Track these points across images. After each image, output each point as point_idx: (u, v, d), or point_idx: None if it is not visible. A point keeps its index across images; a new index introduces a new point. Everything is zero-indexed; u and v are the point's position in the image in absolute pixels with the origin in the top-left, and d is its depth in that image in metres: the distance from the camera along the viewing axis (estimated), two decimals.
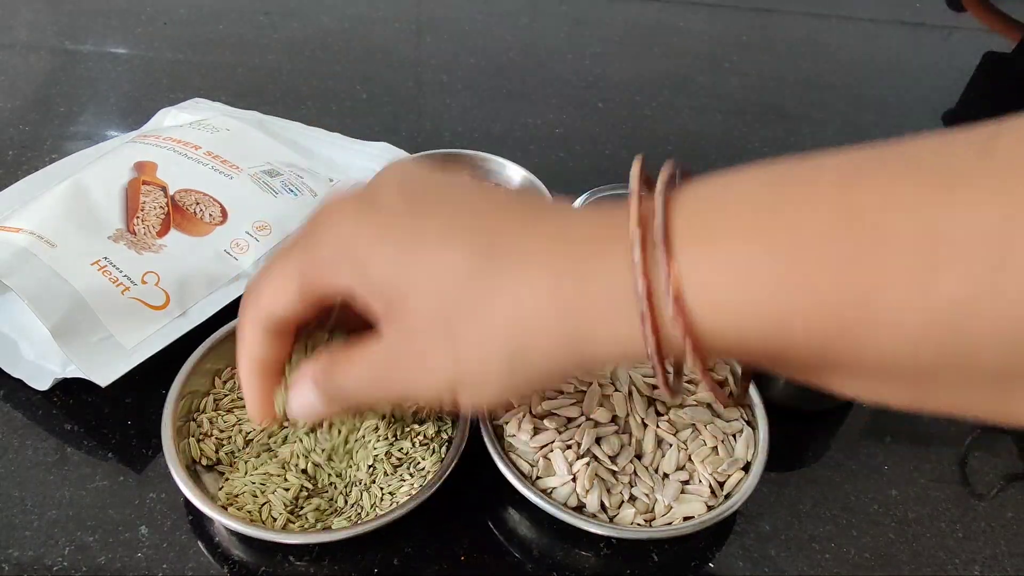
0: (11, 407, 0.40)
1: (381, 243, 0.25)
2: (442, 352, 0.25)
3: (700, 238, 0.21)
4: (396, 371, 0.26)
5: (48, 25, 0.71)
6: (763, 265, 0.20)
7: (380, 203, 0.26)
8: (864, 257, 0.19)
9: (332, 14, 0.76)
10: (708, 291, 0.21)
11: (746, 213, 0.21)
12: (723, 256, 0.21)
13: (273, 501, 0.36)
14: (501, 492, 0.38)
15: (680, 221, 0.22)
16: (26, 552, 0.35)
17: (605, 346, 0.23)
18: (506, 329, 0.24)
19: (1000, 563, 0.38)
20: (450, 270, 0.24)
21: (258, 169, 0.50)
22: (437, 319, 0.25)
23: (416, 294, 0.25)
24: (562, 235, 0.24)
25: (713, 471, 0.37)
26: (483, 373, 0.25)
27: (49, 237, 0.41)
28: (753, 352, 0.22)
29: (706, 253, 0.21)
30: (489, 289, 0.24)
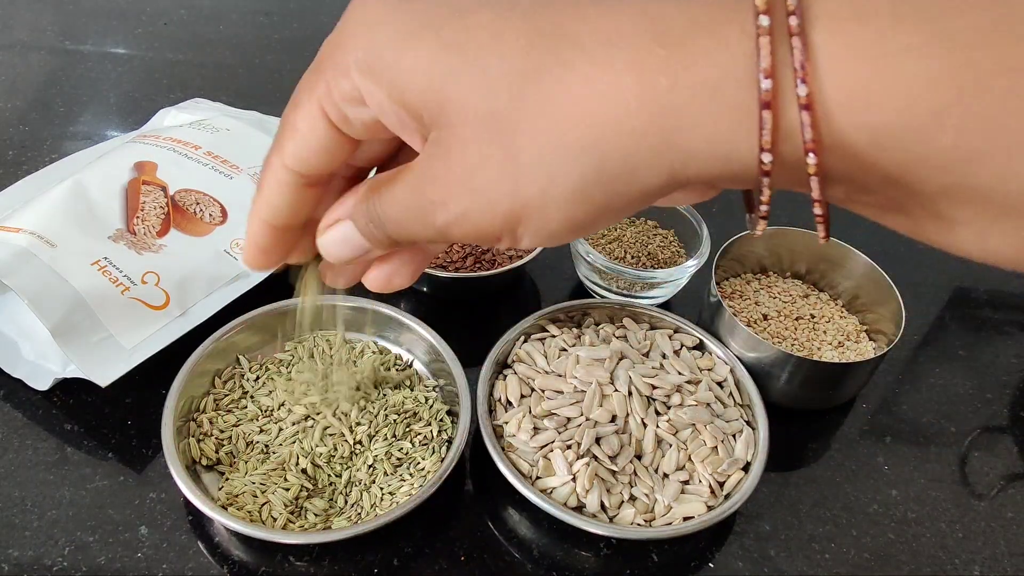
0: (11, 407, 0.40)
1: (419, 40, 0.20)
2: (498, 165, 0.20)
3: (843, 13, 0.18)
4: (445, 193, 0.21)
5: (48, 25, 0.71)
6: (918, 54, 0.17)
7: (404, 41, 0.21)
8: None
9: (332, 14, 0.76)
10: (847, 78, 0.17)
11: (905, 32, 0.17)
12: (869, 37, 0.17)
13: (273, 501, 0.36)
14: (501, 492, 0.38)
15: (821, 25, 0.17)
16: (26, 552, 0.35)
17: (704, 149, 0.19)
18: (581, 132, 0.19)
19: (1000, 563, 0.38)
20: (507, 59, 0.19)
21: (258, 169, 0.50)
22: (492, 124, 0.20)
23: (465, 96, 0.20)
24: (654, 11, 0.19)
25: (713, 471, 0.37)
26: (549, 193, 0.20)
27: (49, 237, 0.41)
28: (882, 163, 0.18)
29: (849, 32, 0.17)
30: (558, 82, 0.19)
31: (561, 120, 0.19)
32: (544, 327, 0.43)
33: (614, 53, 0.18)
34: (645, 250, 0.49)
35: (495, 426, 0.39)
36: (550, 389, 0.39)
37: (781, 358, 0.41)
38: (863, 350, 0.44)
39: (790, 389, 0.42)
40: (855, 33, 0.17)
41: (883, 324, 0.45)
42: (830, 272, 0.48)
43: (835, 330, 0.45)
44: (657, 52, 0.18)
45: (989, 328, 0.51)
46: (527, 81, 0.19)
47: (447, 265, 0.46)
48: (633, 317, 0.44)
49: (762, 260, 0.49)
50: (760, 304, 0.46)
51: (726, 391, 0.41)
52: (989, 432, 0.44)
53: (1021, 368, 0.48)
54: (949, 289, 0.53)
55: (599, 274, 0.47)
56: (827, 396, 0.43)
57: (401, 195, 0.22)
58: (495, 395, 0.40)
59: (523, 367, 0.41)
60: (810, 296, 0.48)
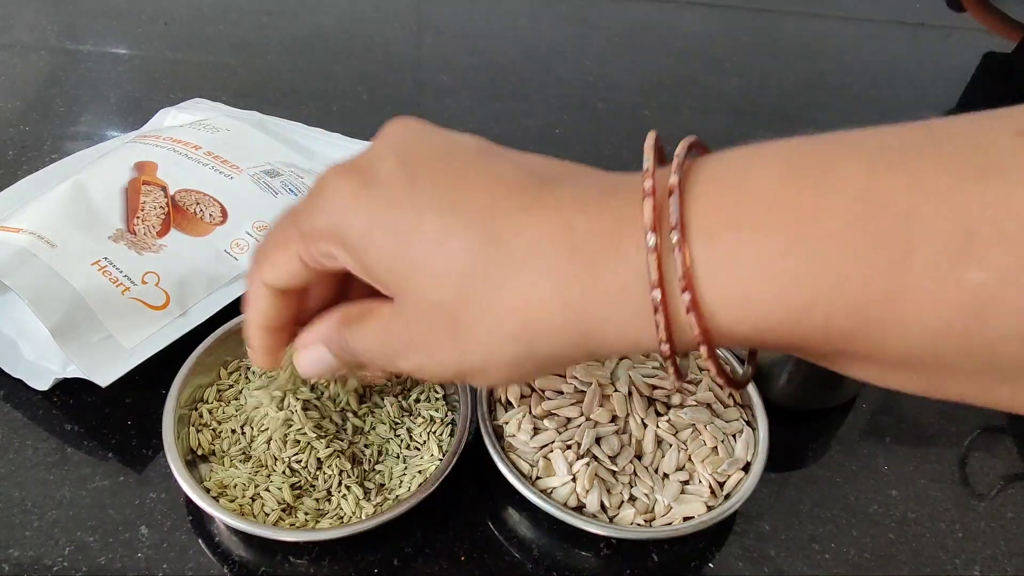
0: (11, 407, 0.40)
1: (379, 228, 0.24)
2: (447, 344, 0.24)
3: (717, 227, 0.20)
4: (404, 349, 0.26)
5: (48, 25, 0.71)
6: (784, 258, 0.19)
7: (378, 177, 0.25)
8: (890, 249, 0.18)
9: (332, 14, 0.76)
10: (724, 283, 0.20)
11: (766, 200, 0.20)
12: (741, 247, 0.20)
13: (266, 498, 0.36)
14: (501, 492, 0.38)
15: (696, 208, 0.21)
16: (26, 552, 0.35)
17: (614, 341, 0.23)
18: (512, 327, 0.23)
19: (1000, 563, 0.38)
20: (452, 261, 0.23)
21: (258, 169, 0.50)
22: (440, 313, 0.24)
23: (417, 284, 0.24)
24: (569, 224, 0.22)
25: (713, 471, 0.37)
26: (489, 364, 0.24)
27: (49, 237, 0.41)
28: (767, 342, 0.21)
29: (723, 244, 0.20)
30: (493, 285, 0.23)
31: (497, 315, 0.23)
32: None
33: (539, 264, 0.22)
34: None
35: (495, 426, 0.39)
36: (550, 389, 0.39)
37: (781, 358, 0.41)
38: None
39: (790, 389, 0.42)
40: (729, 243, 0.20)
41: None
42: None
43: None
44: (572, 267, 0.22)
45: None
46: (469, 282, 0.23)
47: None
48: None
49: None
50: None
51: (726, 391, 0.41)
52: (989, 432, 0.44)
53: None
54: None
55: None
56: (827, 396, 0.43)
57: (370, 336, 0.27)
58: (495, 395, 0.40)
59: None
60: None
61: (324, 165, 0.53)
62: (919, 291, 0.18)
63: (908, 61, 0.81)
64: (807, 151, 0.21)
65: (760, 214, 0.20)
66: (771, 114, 0.70)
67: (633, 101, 0.70)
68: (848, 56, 0.81)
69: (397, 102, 0.65)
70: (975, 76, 0.78)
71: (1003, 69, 0.81)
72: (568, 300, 0.22)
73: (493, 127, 0.64)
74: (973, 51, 0.82)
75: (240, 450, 0.38)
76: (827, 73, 0.77)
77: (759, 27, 0.84)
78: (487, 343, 0.24)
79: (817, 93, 0.74)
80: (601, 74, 0.73)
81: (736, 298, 0.20)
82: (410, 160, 0.25)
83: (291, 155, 0.53)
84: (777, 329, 0.21)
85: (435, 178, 0.24)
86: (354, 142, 0.58)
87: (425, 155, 0.25)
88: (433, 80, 0.69)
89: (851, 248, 0.19)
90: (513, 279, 0.23)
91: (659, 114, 0.68)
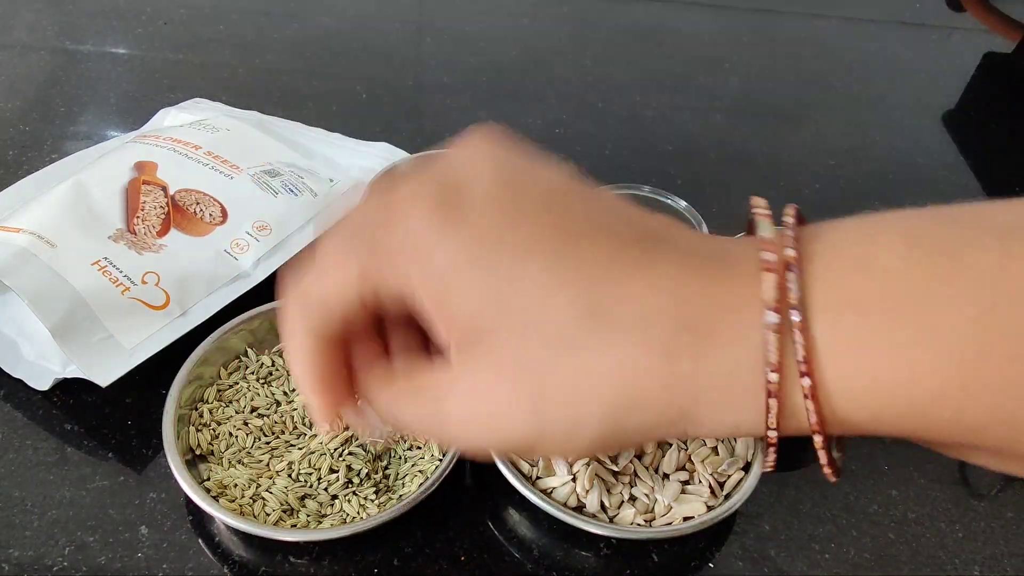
0: (11, 407, 0.40)
1: (470, 267, 0.21)
2: (526, 406, 0.21)
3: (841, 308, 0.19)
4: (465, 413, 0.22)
5: (48, 25, 0.71)
6: (913, 346, 0.18)
7: (468, 206, 0.21)
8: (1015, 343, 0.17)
9: (332, 14, 0.76)
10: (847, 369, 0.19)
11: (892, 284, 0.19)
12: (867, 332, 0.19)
13: (267, 498, 0.36)
14: (501, 492, 0.38)
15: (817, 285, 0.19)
16: (26, 552, 0.35)
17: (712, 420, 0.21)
18: (608, 396, 0.21)
19: (1000, 563, 0.38)
20: (553, 319, 0.21)
21: (258, 169, 0.50)
22: (527, 370, 0.21)
23: (504, 347, 0.21)
24: (682, 293, 0.20)
25: (713, 471, 0.37)
26: (570, 435, 0.22)
27: (49, 237, 0.41)
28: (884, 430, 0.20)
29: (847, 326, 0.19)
30: (595, 351, 0.20)
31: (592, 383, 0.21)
32: None
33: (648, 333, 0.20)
34: None
35: None
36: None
37: None
38: None
39: None
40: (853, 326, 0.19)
41: None
42: None
43: None
44: (682, 339, 0.20)
45: None
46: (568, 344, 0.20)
47: None
48: None
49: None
50: None
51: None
52: None
53: None
54: None
55: None
56: None
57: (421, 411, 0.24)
58: None
59: None
60: None
61: (324, 165, 0.54)
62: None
63: (908, 61, 0.81)
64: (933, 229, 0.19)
65: (886, 298, 0.19)
66: (771, 114, 0.70)
67: (633, 101, 0.70)
68: (848, 56, 0.81)
69: (397, 102, 0.65)
70: (975, 76, 0.78)
71: (1003, 69, 0.81)
72: (675, 373, 0.20)
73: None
74: (973, 51, 0.82)
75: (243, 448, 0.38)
76: (827, 73, 0.77)
77: (759, 27, 0.84)
78: (574, 409, 0.21)
79: (817, 93, 0.74)
80: (601, 74, 0.73)
81: (859, 385, 0.19)
82: (509, 192, 0.22)
83: (291, 155, 0.53)
84: (899, 419, 0.20)
85: (539, 220, 0.21)
86: (354, 142, 0.58)
87: (524, 190, 0.22)
88: (433, 80, 0.69)
89: (984, 338, 0.18)
90: (619, 346, 0.20)
91: (659, 114, 0.68)
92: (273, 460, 0.37)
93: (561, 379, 0.21)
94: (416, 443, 0.39)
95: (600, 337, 0.20)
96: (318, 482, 0.37)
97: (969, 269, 0.18)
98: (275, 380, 0.41)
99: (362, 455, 0.37)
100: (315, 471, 0.37)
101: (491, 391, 0.22)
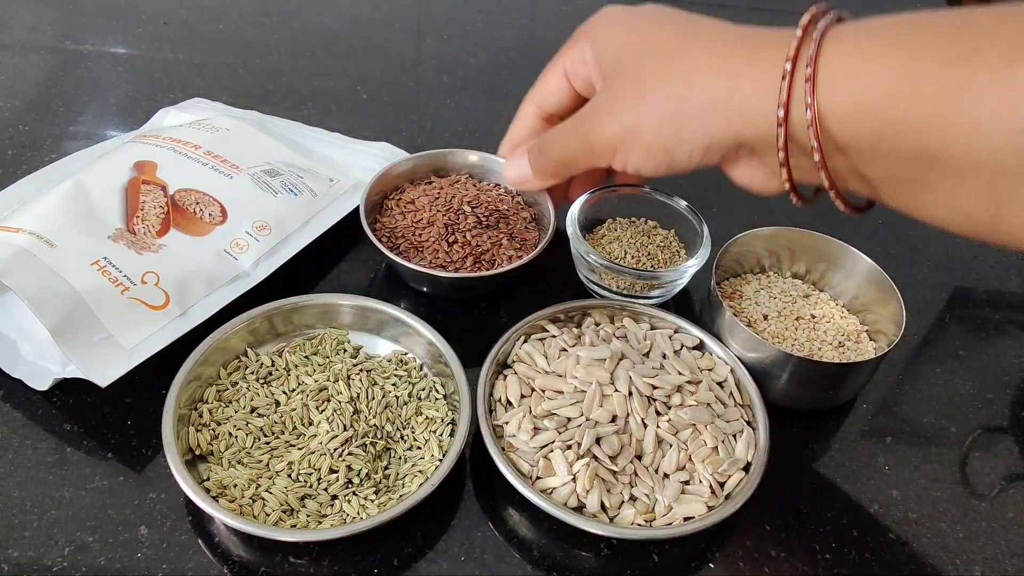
0: (11, 407, 0.40)
1: (618, 31, 0.38)
2: (630, 101, 0.35)
3: (839, 52, 0.29)
4: (591, 116, 0.38)
5: (48, 25, 0.71)
6: (879, 52, 0.27)
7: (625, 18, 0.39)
8: (960, 53, 0.25)
9: (332, 14, 0.76)
10: (836, 78, 0.28)
11: (875, 25, 0.29)
12: (852, 59, 0.28)
13: (267, 498, 0.36)
14: (501, 492, 0.38)
15: (830, 40, 0.29)
16: (26, 552, 0.35)
17: (750, 122, 0.32)
18: (683, 93, 0.33)
19: (1000, 563, 0.38)
20: (657, 39, 0.35)
21: (258, 169, 0.50)
22: (637, 77, 0.35)
23: (629, 59, 0.36)
24: (742, 39, 0.34)
25: (713, 471, 0.37)
26: (652, 126, 0.35)
27: (49, 237, 0.41)
28: (860, 132, 0.28)
29: (841, 56, 0.29)
30: (680, 66, 0.34)
31: (675, 83, 0.34)
32: (544, 327, 0.43)
33: (714, 57, 0.33)
34: (645, 250, 0.49)
35: (495, 426, 0.39)
36: (550, 389, 0.39)
37: (781, 358, 0.41)
38: (863, 350, 0.44)
39: (790, 389, 0.42)
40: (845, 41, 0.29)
41: (883, 324, 0.45)
42: (830, 272, 0.48)
43: (835, 330, 0.45)
44: (737, 63, 0.33)
45: (989, 328, 0.51)
46: (664, 62, 0.35)
47: (447, 265, 0.46)
48: (633, 317, 0.44)
49: (762, 260, 0.49)
50: (760, 304, 0.46)
51: (726, 391, 0.41)
52: (990, 432, 0.44)
53: (1021, 368, 0.48)
54: (949, 289, 0.53)
55: (599, 274, 0.47)
56: (827, 396, 0.43)
57: (566, 125, 0.40)
58: (495, 395, 0.40)
59: (523, 367, 0.41)
60: (810, 296, 0.48)
61: (324, 165, 0.54)
62: (979, 82, 0.24)
63: None
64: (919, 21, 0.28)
65: (873, 27, 0.29)
66: None
67: None
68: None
69: (397, 102, 0.65)
70: None
71: None
72: (729, 78, 0.32)
73: (493, 127, 0.64)
74: None
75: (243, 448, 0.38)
76: None
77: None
78: (661, 102, 0.34)
79: None
80: None
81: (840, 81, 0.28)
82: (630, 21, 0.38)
83: (291, 155, 0.53)
84: (868, 111, 0.28)
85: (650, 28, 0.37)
86: (354, 142, 0.58)
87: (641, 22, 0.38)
88: (433, 80, 0.69)
89: (932, 49, 0.26)
90: (694, 65, 0.33)
91: None
92: (273, 460, 0.37)
93: (655, 84, 0.34)
94: (416, 443, 0.39)
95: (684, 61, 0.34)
96: (318, 482, 0.37)
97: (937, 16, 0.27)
98: (275, 380, 0.41)
99: (362, 455, 0.37)
100: (315, 471, 0.37)
101: (612, 94, 0.37)
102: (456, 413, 0.39)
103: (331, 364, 0.41)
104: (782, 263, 0.49)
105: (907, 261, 0.55)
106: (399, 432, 0.39)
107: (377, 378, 0.41)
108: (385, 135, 0.59)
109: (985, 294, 0.53)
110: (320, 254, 0.49)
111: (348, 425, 0.38)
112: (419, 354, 0.43)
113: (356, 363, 0.42)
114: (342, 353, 0.42)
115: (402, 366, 0.42)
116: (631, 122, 0.35)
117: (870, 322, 0.46)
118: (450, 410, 0.40)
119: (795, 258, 0.49)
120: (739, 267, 0.49)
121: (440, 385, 0.42)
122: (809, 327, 0.45)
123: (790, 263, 0.49)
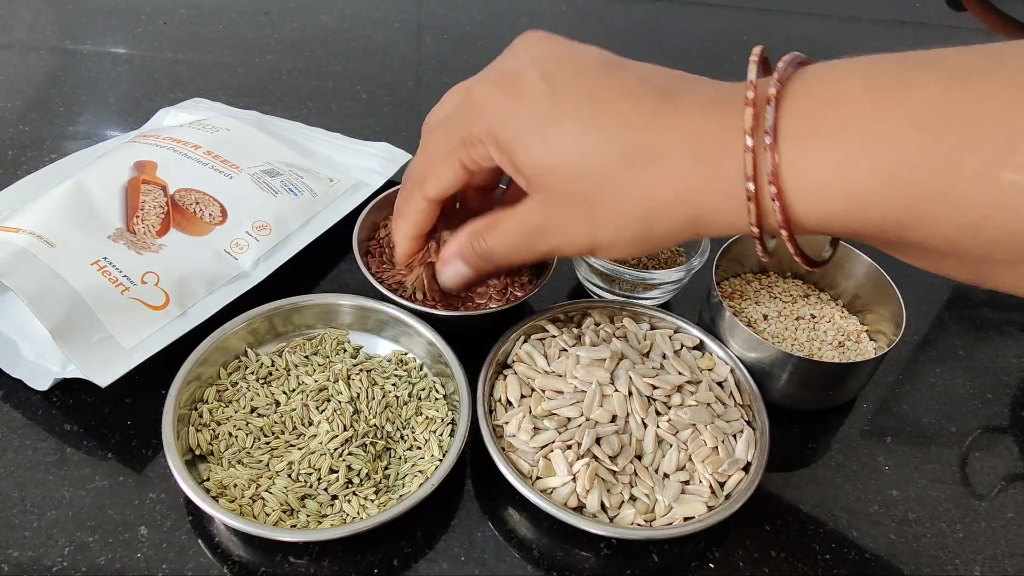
0: (11, 407, 0.40)
1: (530, 135, 0.30)
2: (582, 224, 0.31)
3: (804, 132, 0.25)
4: (540, 236, 0.33)
5: (48, 25, 0.71)
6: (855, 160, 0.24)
7: (523, 90, 0.30)
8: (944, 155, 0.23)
9: (332, 14, 0.76)
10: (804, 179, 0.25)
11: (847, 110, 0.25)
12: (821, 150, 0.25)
13: (267, 498, 0.36)
14: (501, 492, 0.38)
15: (788, 116, 0.26)
16: (26, 552, 0.35)
17: (717, 222, 0.29)
18: (639, 212, 0.29)
19: (1000, 563, 0.38)
20: (593, 161, 0.29)
21: (258, 169, 0.50)
22: (579, 199, 0.30)
23: (562, 178, 0.30)
24: (692, 129, 0.28)
25: (713, 471, 0.37)
26: (614, 242, 0.31)
27: (49, 237, 0.41)
28: (836, 229, 0.27)
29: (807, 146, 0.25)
30: (626, 179, 0.29)
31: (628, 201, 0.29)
32: (544, 327, 0.43)
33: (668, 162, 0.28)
34: None
35: (495, 426, 0.39)
36: (550, 389, 0.39)
37: (781, 358, 0.41)
38: (863, 350, 0.44)
39: (790, 389, 0.42)
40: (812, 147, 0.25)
41: (883, 324, 0.45)
42: (830, 272, 0.48)
43: (835, 330, 0.45)
44: (694, 165, 0.28)
45: (989, 328, 0.51)
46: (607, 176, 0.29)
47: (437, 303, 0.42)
48: (633, 317, 0.44)
49: (762, 260, 0.49)
50: (760, 304, 0.46)
51: (727, 391, 0.41)
52: (990, 432, 0.44)
53: (1021, 368, 0.48)
54: (949, 289, 0.53)
55: (599, 276, 0.47)
56: (827, 396, 0.43)
57: (509, 230, 0.34)
58: (495, 395, 0.40)
59: (523, 367, 0.41)
60: (810, 296, 0.48)
61: (324, 165, 0.54)
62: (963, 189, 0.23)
63: None
64: (893, 69, 0.25)
65: (841, 121, 0.25)
66: None
67: None
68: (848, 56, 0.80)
69: (397, 102, 0.65)
70: None
71: None
72: (689, 187, 0.28)
73: None
74: None
75: (243, 448, 0.38)
76: None
77: (759, 27, 0.84)
78: (616, 223, 0.30)
79: None
80: None
81: (812, 191, 0.26)
82: (550, 74, 0.30)
83: (291, 155, 0.53)
84: (843, 219, 0.26)
85: (575, 90, 0.30)
86: (354, 142, 0.58)
87: (562, 69, 0.31)
88: (433, 80, 0.69)
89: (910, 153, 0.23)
90: (644, 174, 0.29)
91: None
92: (273, 460, 0.37)
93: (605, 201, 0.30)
94: (416, 443, 0.39)
95: (629, 168, 0.29)
96: (318, 482, 0.37)
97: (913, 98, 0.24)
98: (275, 380, 0.41)
99: (362, 455, 0.37)
100: (315, 471, 0.37)
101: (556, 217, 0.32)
102: (456, 413, 0.39)
103: (331, 364, 0.41)
104: (782, 263, 0.49)
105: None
106: (399, 432, 0.39)
107: (377, 378, 0.41)
108: (385, 135, 0.59)
109: (984, 294, 0.53)
110: (320, 254, 0.49)
111: (348, 425, 0.38)
112: (419, 354, 0.43)
113: (356, 363, 0.42)
114: (342, 353, 0.42)
115: (402, 366, 0.42)
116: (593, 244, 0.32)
117: (870, 322, 0.46)
118: (450, 410, 0.40)
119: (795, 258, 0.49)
120: (739, 267, 0.49)
121: (440, 385, 0.42)
122: (809, 327, 0.45)
123: (790, 263, 0.49)
